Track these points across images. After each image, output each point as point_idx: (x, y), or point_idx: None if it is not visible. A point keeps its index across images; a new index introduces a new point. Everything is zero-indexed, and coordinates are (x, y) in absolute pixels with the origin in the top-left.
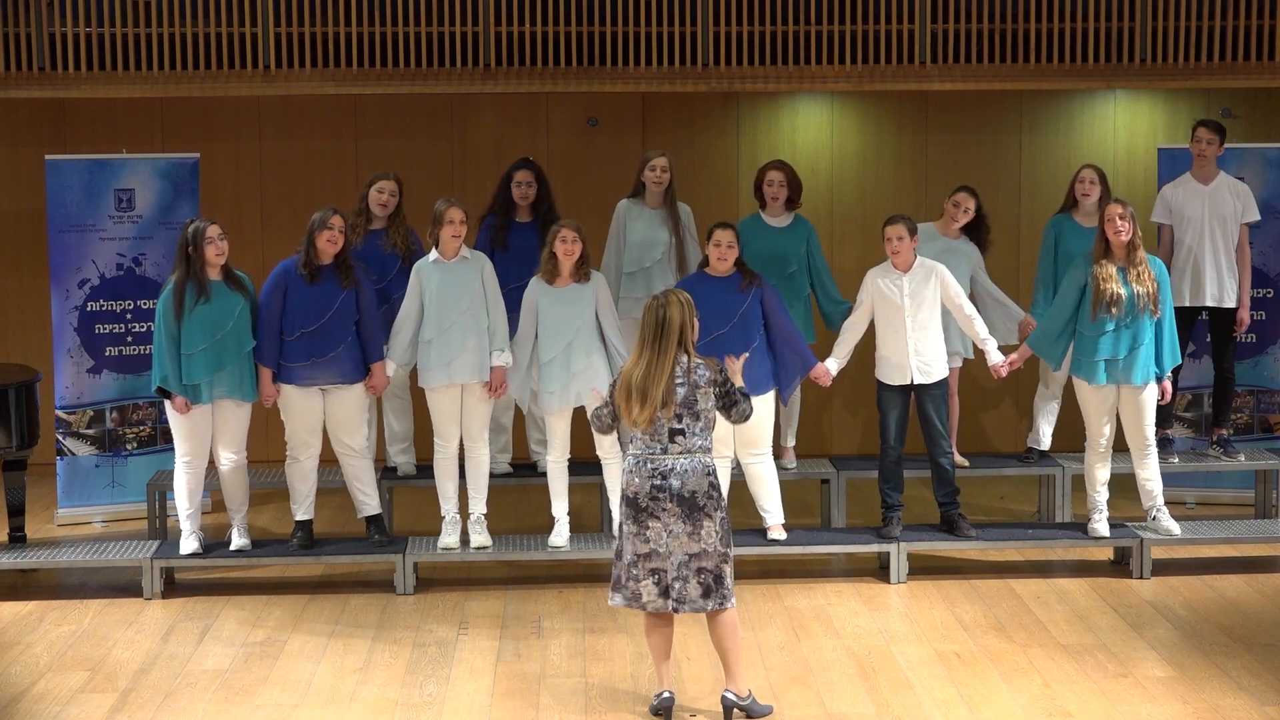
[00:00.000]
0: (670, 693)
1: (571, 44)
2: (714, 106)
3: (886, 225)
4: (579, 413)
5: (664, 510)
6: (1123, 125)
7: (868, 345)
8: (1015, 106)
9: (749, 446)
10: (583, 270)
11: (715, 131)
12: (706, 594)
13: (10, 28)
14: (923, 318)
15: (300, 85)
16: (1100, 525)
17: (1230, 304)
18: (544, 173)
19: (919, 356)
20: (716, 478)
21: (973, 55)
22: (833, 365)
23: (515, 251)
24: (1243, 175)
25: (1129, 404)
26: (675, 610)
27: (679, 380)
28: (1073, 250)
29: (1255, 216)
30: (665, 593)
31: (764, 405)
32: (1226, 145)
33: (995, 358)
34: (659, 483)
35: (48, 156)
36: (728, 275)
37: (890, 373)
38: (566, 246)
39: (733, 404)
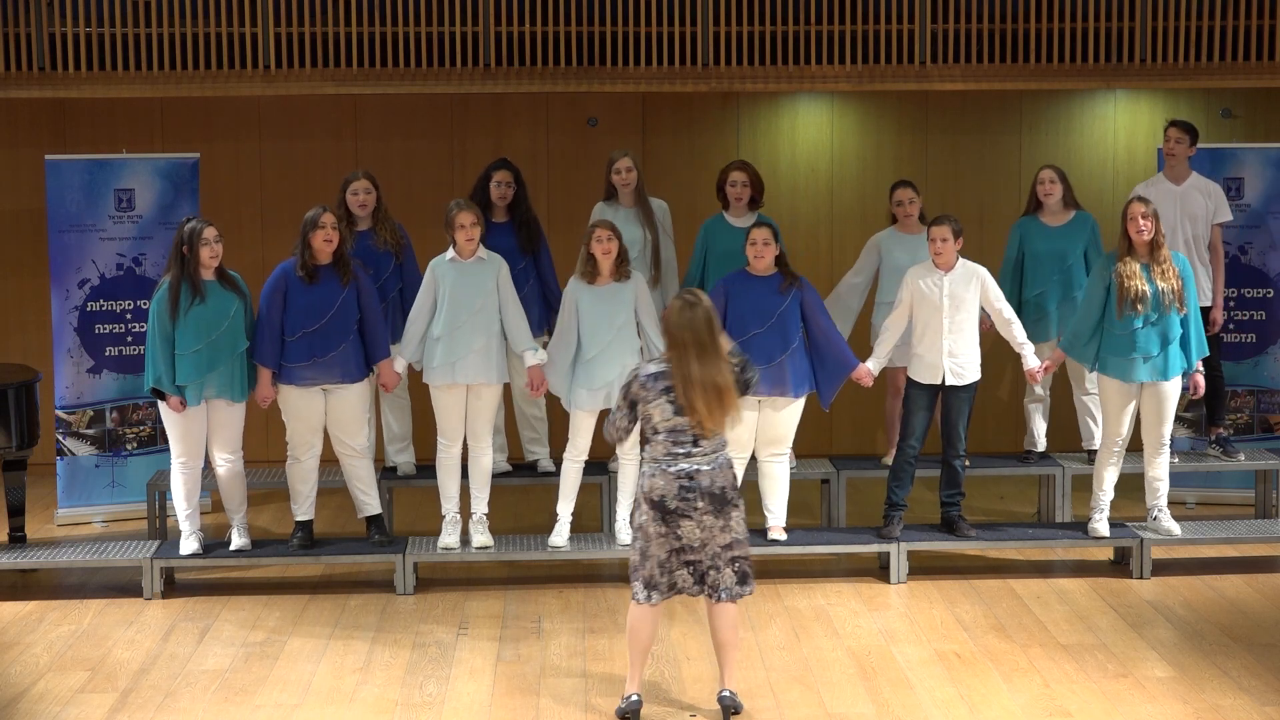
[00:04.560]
0: (639, 695)
1: (571, 44)
2: (714, 106)
3: (931, 225)
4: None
5: (695, 509)
6: (1123, 125)
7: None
8: (1015, 106)
9: (771, 445)
10: (623, 269)
11: (715, 131)
12: (744, 580)
13: (10, 28)
14: (960, 319)
15: (300, 85)
16: (1100, 525)
17: (1205, 303)
18: (521, 173)
19: (953, 358)
20: (734, 467)
21: (973, 55)
22: (874, 365)
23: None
24: (1242, 176)
25: (1152, 400)
26: (711, 596)
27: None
28: (1039, 251)
29: (1227, 217)
30: (701, 579)
31: (797, 407)
32: (1227, 145)
33: (1031, 362)
34: (687, 484)
35: (48, 156)
36: (768, 275)
37: (922, 371)
38: (604, 246)
39: (747, 384)
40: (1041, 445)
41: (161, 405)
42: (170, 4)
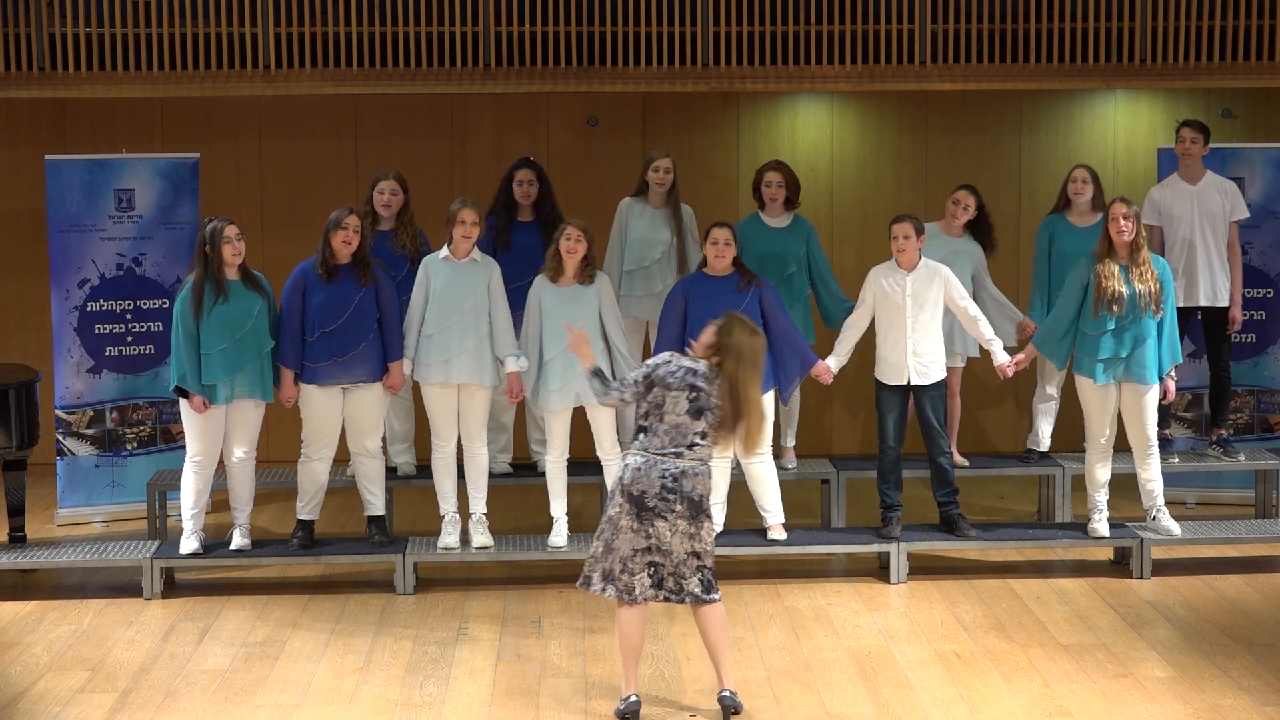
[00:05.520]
0: (637, 696)
1: (571, 44)
2: (714, 106)
3: (893, 224)
4: (578, 412)
5: (672, 511)
6: (1123, 125)
7: (868, 344)
8: (1015, 106)
9: None
10: (587, 271)
11: (715, 131)
12: (708, 589)
13: (10, 28)
14: (924, 319)
15: (300, 85)
16: (1100, 525)
17: (1223, 303)
18: (545, 172)
19: (917, 358)
20: (713, 476)
21: (973, 55)
22: (833, 363)
23: (518, 251)
24: (1242, 175)
25: (1131, 403)
26: (669, 601)
27: (716, 401)
28: (1066, 250)
29: (1244, 214)
30: (659, 584)
31: (765, 405)
32: (1227, 145)
33: (1001, 358)
34: (670, 485)
35: (48, 156)
36: (726, 275)
37: (888, 372)
38: (569, 245)
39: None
40: (1045, 445)
41: (183, 404)
42: (170, 4)
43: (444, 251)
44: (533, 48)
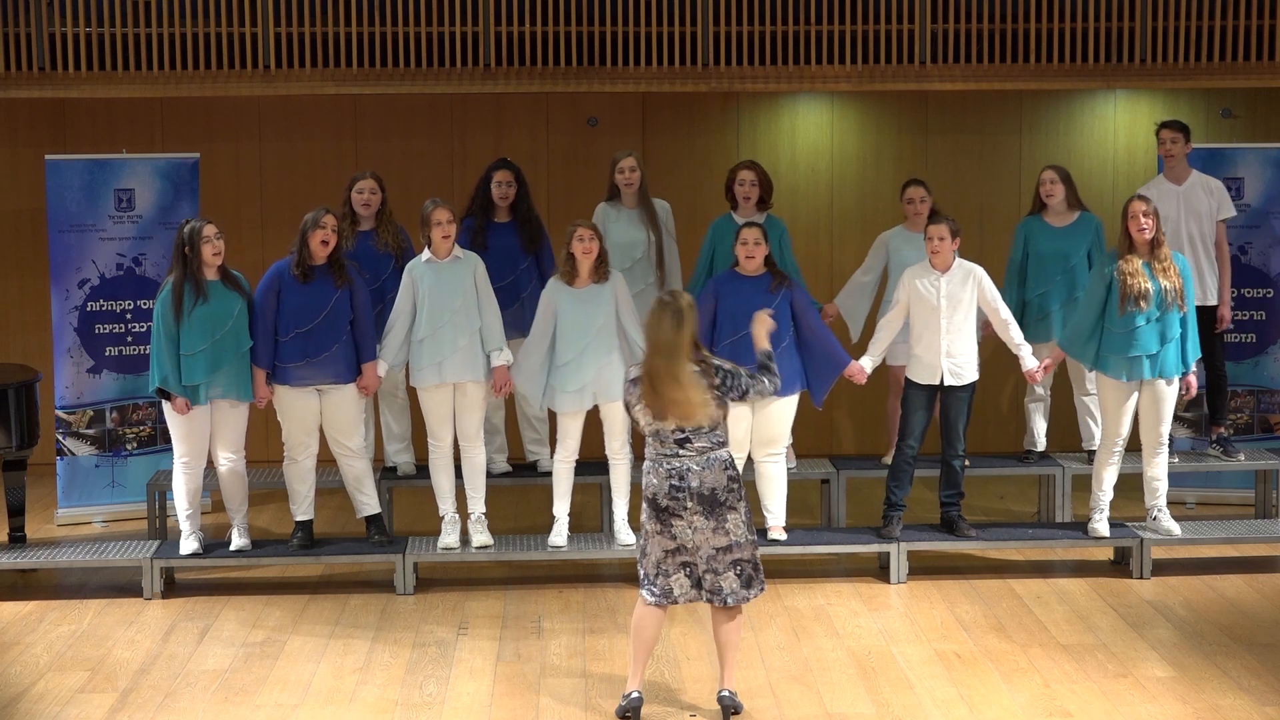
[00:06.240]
0: (640, 693)
1: (571, 44)
2: (714, 106)
3: (929, 225)
4: (591, 414)
5: (685, 509)
6: (1123, 125)
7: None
8: (1015, 106)
9: (766, 445)
10: (601, 269)
11: (715, 131)
12: (748, 584)
13: (10, 28)
14: (958, 319)
15: (300, 85)
16: (1100, 525)
17: (1212, 302)
18: (522, 173)
19: (951, 358)
20: (735, 469)
21: (973, 55)
22: (867, 363)
23: (494, 251)
24: (1241, 175)
25: (1150, 399)
26: (711, 601)
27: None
28: (1043, 251)
29: (1231, 213)
30: (698, 584)
31: (788, 406)
32: (1227, 145)
33: (1030, 363)
34: (677, 483)
35: (48, 156)
36: (757, 275)
37: (921, 372)
38: (585, 245)
39: (745, 391)
40: (1041, 445)
41: (165, 405)
42: (170, 4)
43: (426, 254)
44: (532, 48)
